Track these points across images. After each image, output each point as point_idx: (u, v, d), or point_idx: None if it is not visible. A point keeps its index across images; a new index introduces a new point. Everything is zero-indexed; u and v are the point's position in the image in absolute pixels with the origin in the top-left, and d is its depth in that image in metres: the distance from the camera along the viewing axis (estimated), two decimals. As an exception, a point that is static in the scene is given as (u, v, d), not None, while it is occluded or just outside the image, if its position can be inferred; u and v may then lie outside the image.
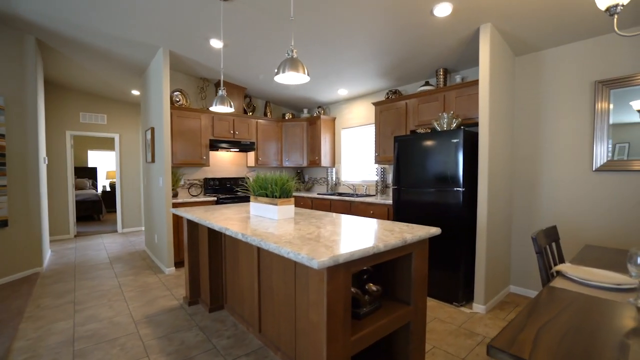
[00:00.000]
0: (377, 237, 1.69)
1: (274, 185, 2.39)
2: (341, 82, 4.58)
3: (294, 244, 1.54)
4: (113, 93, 6.43)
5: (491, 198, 2.94)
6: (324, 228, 1.98)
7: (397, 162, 3.54)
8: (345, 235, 1.76)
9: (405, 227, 1.98)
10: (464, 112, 3.39)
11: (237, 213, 2.76)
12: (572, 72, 2.98)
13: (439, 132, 3.13)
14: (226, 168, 5.45)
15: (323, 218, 2.42)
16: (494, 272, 3.09)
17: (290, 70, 1.92)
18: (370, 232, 1.83)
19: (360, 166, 5.23)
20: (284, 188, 2.38)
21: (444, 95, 3.58)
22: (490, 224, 2.96)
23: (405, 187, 3.46)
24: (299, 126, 5.70)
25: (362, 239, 1.64)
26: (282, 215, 2.37)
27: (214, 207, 3.31)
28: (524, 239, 3.34)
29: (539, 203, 3.21)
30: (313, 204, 5.04)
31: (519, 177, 3.36)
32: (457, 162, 2.97)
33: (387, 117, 4.24)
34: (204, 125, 4.79)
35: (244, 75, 4.67)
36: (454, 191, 3.01)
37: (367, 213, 4.14)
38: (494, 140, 2.95)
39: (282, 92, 5.27)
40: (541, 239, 1.77)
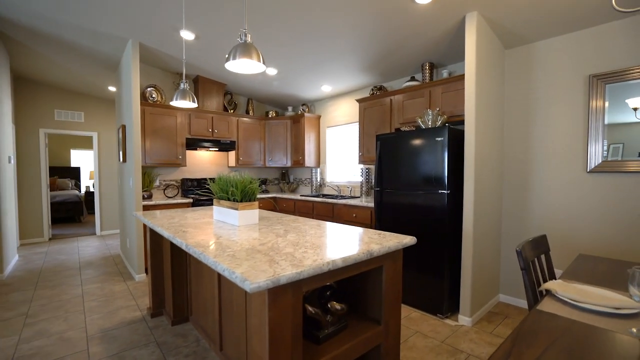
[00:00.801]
0: (339, 249, 1.46)
1: (234, 188, 2.14)
2: (324, 77, 4.35)
3: (237, 258, 1.30)
4: (90, 89, 6.15)
5: (478, 201, 2.72)
6: (284, 237, 1.74)
7: (379, 162, 3.31)
8: (304, 246, 1.52)
9: (376, 237, 1.75)
10: (450, 109, 3.17)
11: (201, 217, 2.51)
12: (565, 65, 2.77)
13: (423, 130, 2.90)
14: (205, 168, 5.19)
15: (290, 224, 2.18)
16: (481, 281, 2.87)
17: (242, 56, 1.67)
18: (335, 243, 1.59)
19: (345, 166, 5.00)
20: (246, 191, 2.14)
21: (430, 91, 3.36)
22: (477, 229, 2.73)
23: (387, 189, 3.23)
24: (283, 125, 5.46)
25: (322, 252, 1.41)
26: (244, 221, 2.13)
27: (185, 210, 3.06)
28: (513, 244, 3.12)
29: (530, 206, 3.00)
30: (296, 205, 4.81)
31: (509, 179, 3.14)
32: (442, 163, 2.75)
33: (371, 115, 4.01)
34: (180, 123, 4.53)
35: (223, 70, 4.42)
36: (438, 194, 2.79)
37: (349, 216, 3.90)
38: (481, 138, 2.73)
39: (265, 88, 5.02)
40: (527, 251, 1.54)
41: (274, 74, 4.33)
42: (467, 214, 2.69)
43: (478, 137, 2.68)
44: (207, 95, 4.86)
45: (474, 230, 2.67)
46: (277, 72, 4.27)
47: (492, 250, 3.04)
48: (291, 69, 4.13)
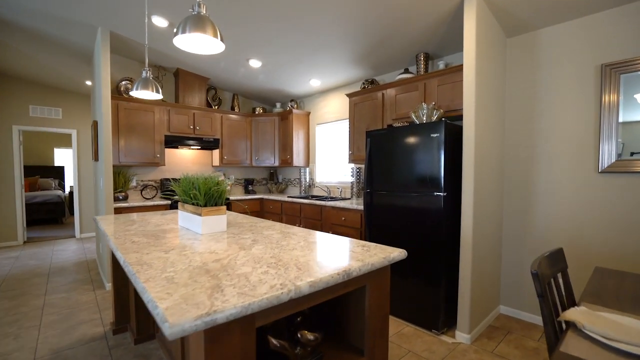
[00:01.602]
0: (310, 268, 1.17)
1: (196, 191, 1.85)
2: (312, 70, 4.06)
3: (174, 282, 1.01)
4: (67, 84, 5.81)
5: (477, 204, 2.44)
6: (247, 250, 1.45)
7: (369, 161, 3.02)
8: (267, 263, 1.23)
9: (358, 250, 1.46)
10: (447, 103, 2.89)
11: (166, 223, 2.22)
12: (574, 54, 2.50)
13: (417, 126, 2.62)
14: (187, 168, 4.88)
15: (262, 232, 1.89)
16: (481, 293, 2.59)
17: (194, 30, 1.37)
18: (307, 258, 1.31)
19: (336, 166, 4.71)
20: (211, 194, 1.84)
21: (425, 84, 3.08)
22: (477, 235, 2.46)
23: (378, 191, 2.95)
24: (270, 122, 5.16)
25: (287, 272, 1.12)
26: (207, 228, 1.84)
27: (155, 213, 2.76)
28: (515, 251, 2.85)
29: (534, 210, 2.72)
30: (283, 207, 4.51)
31: (511, 180, 2.87)
32: (438, 162, 2.47)
33: (362, 110, 3.73)
34: (158, 119, 4.22)
35: (205, 62, 4.12)
36: (433, 196, 2.51)
37: (338, 219, 3.62)
38: (481, 135, 2.45)
39: (250, 83, 4.72)
40: (544, 271, 1.24)
41: (258, 67, 4.03)
42: (466, 219, 2.41)
43: (478, 134, 2.41)
44: (188, 90, 4.55)
45: (473, 237, 2.39)
46: (262, 65, 3.98)
47: (492, 258, 2.77)
48: (276, 61, 3.84)
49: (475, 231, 2.42)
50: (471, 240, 2.38)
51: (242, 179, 5.47)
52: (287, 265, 1.21)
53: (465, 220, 2.42)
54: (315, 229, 3.96)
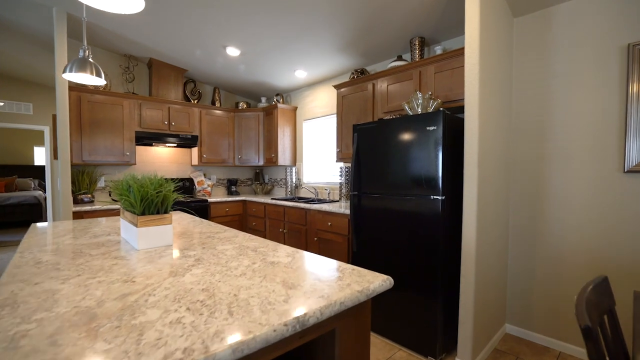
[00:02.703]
0: (247, 312, 0.79)
1: (131, 196, 1.46)
2: (296, 59, 3.68)
3: (9, 349, 0.63)
4: (37, 77, 5.41)
5: (482, 210, 2.07)
6: (179, 278, 1.07)
7: (356, 159, 2.65)
8: (188, 304, 0.86)
9: (329, 276, 1.09)
10: (445, 93, 2.53)
11: (111, 233, 1.83)
12: (594, 33, 2.14)
13: (411, 118, 2.25)
14: (163, 167, 4.49)
15: (216, 247, 1.51)
16: (486, 311, 2.23)
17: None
18: (250, 294, 0.93)
19: (324, 165, 4.33)
20: (149, 200, 1.46)
21: (420, 72, 2.71)
22: (481, 246, 2.09)
23: (367, 193, 2.58)
24: (254, 117, 4.78)
25: (211, 321, 0.74)
26: (146, 242, 1.45)
27: (111, 218, 2.37)
28: (524, 264, 2.49)
29: (545, 215, 2.36)
30: (266, 210, 4.13)
31: (518, 181, 2.51)
32: (436, 160, 2.10)
33: (351, 103, 3.36)
34: (127, 114, 3.83)
35: (178, 51, 3.73)
36: (430, 200, 2.14)
37: (324, 225, 3.24)
38: (485, 129, 2.09)
39: (231, 75, 4.34)
40: (592, 310, 0.86)
41: (236, 55, 3.65)
42: (468, 226, 2.05)
43: (482, 127, 2.04)
44: (163, 83, 4.16)
45: (476, 247, 2.02)
46: (241, 53, 3.59)
47: (497, 271, 2.40)
48: (256, 48, 3.46)
49: (479, 241, 2.05)
50: (474, 251, 2.02)
51: (224, 180, 5.08)
52: (218, 305, 0.83)
53: (467, 228, 2.05)
54: (299, 235, 3.58)
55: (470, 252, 2.04)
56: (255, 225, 4.35)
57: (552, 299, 2.34)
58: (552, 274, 2.34)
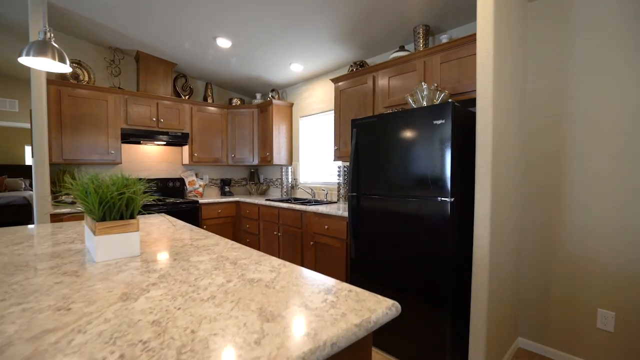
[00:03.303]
0: None
1: (87, 198, 1.24)
2: (291, 52, 3.46)
3: None
4: (22, 72, 5.18)
5: (496, 214, 1.85)
6: (131, 301, 0.85)
7: (355, 157, 2.43)
8: (131, 344, 0.64)
9: (320, 301, 0.87)
10: (452, 85, 2.31)
11: (76, 240, 1.61)
12: (622, 12, 1.92)
13: (415, 111, 2.03)
14: (152, 166, 4.26)
15: (189, 259, 1.29)
16: (499, 325, 2.01)
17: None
18: (213, 329, 0.71)
19: (322, 164, 4.11)
20: (111, 203, 1.24)
21: (424, 62, 2.50)
22: (494, 254, 1.87)
23: (367, 194, 2.36)
24: (248, 114, 4.55)
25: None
26: (107, 253, 1.23)
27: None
28: (538, 274, 2.27)
29: (564, 222, 2.14)
30: (260, 212, 3.91)
31: (532, 182, 2.29)
32: (443, 157, 1.88)
33: (349, 98, 3.14)
34: (112, 110, 3.61)
35: (167, 43, 3.51)
36: (438, 202, 1.92)
37: (320, 228, 3.02)
38: (499, 123, 1.87)
39: (223, 69, 4.12)
40: None
41: (228, 47, 3.43)
42: (481, 232, 1.83)
43: (496, 122, 1.82)
44: (151, 77, 3.94)
45: (490, 257, 1.80)
46: (232, 45, 3.37)
47: (511, 281, 2.19)
48: (248, 39, 3.23)
49: (492, 249, 1.83)
50: (487, 261, 1.80)
51: (217, 180, 4.85)
52: (166, 349, 0.61)
53: (479, 234, 1.83)
54: (295, 239, 3.36)
55: (482, 262, 1.82)
56: (249, 228, 4.13)
57: (571, 312, 2.12)
58: (570, 285, 2.12)
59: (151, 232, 1.82)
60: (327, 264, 2.98)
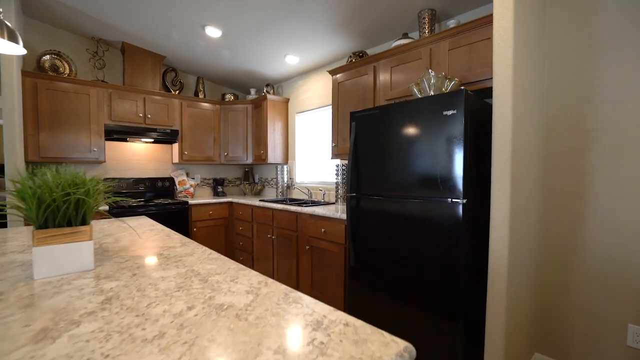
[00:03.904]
0: None
1: (27, 199, 1.01)
2: (286, 42, 3.23)
3: None
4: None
5: (515, 218, 1.62)
6: (46, 347, 0.62)
7: (354, 153, 2.20)
8: None
9: (306, 342, 0.64)
10: (462, 74, 2.08)
11: (24, 250, 1.38)
12: (653, -6, 1.70)
13: (422, 100, 1.80)
14: (140, 165, 4.03)
15: (151, 274, 1.05)
16: (516, 343, 1.78)
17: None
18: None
19: (319, 163, 3.88)
20: (54, 206, 1.01)
21: (431, 50, 2.27)
22: (513, 264, 1.64)
23: (367, 195, 2.13)
24: (242, 111, 4.32)
25: None
26: (49, 268, 1.00)
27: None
28: (556, 280, 2.04)
29: (591, 227, 1.91)
30: (253, 213, 3.68)
31: (554, 183, 2.05)
32: (455, 152, 1.65)
33: (348, 91, 2.91)
34: (95, 105, 3.38)
35: (154, 33, 3.28)
36: (448, 204, 1.69)
37: (316, 231, 2.79)
38: (519, 115, 1.64)
39: (215, 62, 3.88)
40: None
41: (218, 37, 3.19)
42: (499, 239, 1.60)
43: (517, 112, 1.59)
44: (138, 71, 3.71)
45: (509, 266, 1.58)
46: (223, 34, 3.14)
47: (529, 292, 1.96)
48: (239, 27, 3.00)
49: (511, 257, 1.60)
50: (506, 271, 1.57)
51: (210, 179, 4.62)
52: None
53: (496, 241, 1.60)
54: (290, 242, 3.13)
55: (499, 273, 1.59)
56: (242, 230, 3.90)
57: (596, 327, 1.89)
58: (596, 298, 1.89)
59: (120, 239, 1.59)
60: (324, 271, 2.75)
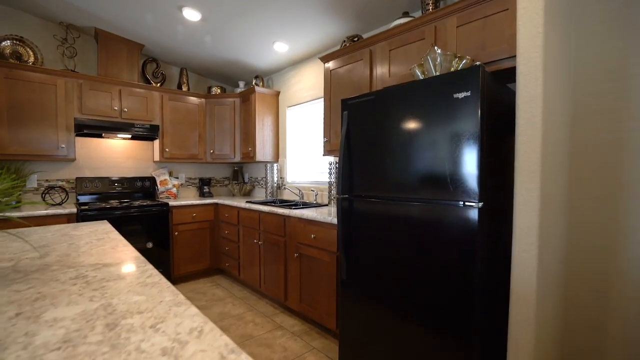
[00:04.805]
0: None
1: None
2: (273, 27, 2.91)
3: None
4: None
5: (545, 228, 1.30)
6: None
7: (346, 147, 1.88)
8: None
9: None
10: (474, 53, 1.77)
11: None
12: None
13: (427, 82, 1.48)
14: (118, 164, 3.70)
15: (46, 313, 0.73)
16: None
17: None
18: None
19: (311, 161, 3.56)
20: None
21: (435, 27, 1.95)
22: (543, 285, 1.32)
23: (361, 197, 1.81)
24: (229, 105, 4.00)
25: None
26: None
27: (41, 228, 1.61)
28: (584, 300, 1.71)
29: (626, 229, 1.59)
30: (239, 216, 3.36)
31: (583, 184, 1.73)
32: (468, 145, 1.33)
33: (341, 79, 2.59)
34: (63, 96, 3.06)
35: (127, 17, 2.95)
36: (460, 208, 1.37)
37: (306, 237, 2.48)
38: (551, 98, 1.32)
39: (198, 51, 3.56)
40: None
41: (197, 20, 2.87)
42: (524, 253, 1.28)
43: (548, 94, 1.27)
44: (113, 60, 3.38)
45: (537, 287, 1.25)
46: (202, 17, 2.82)
47: (556, 315, 1.63)
48: (221, 9, 2.68)
49: (540, 277, 1.28)
50: (534, 293, 1.25)
51: (195, 179, 4.30)
52: None
53: (521, 256, 1.29)
54: (277, 249, 2.81)
55: (527, 294, 1.27)
56: (228, 234, 3.58)
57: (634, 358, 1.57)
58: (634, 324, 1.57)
59: (53, 252, 1.27)
60: (313, 282, 2.43)
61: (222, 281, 3.64)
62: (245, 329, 2.54)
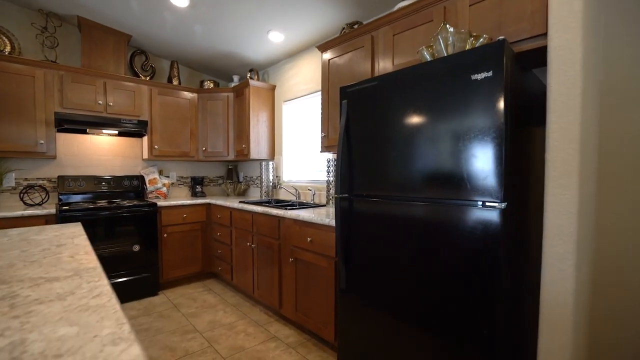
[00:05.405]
0: None
1: None
2: (267, 14, 2.71)
3: None
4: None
5: (583, 229, 1.10)
6: None
7: (346, 141, 1.68)
8: None
9: None
10: (490, 34, 1.56)
11: None
12: None
13: (439, 62, 1.28)
14: (104, 162, 3.50)
15: None
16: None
17: None
18: None
19: (309, 159, 3.36)
20: None
21: (445, 7, 1.75)
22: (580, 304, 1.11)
23: (362, 196, 1.60)
24: (223, 100, 3.79)
25: None
26: None
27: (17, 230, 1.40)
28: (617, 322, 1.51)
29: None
30: (232, 217, 3.15)
31: (611, 178, 1.53)
32: (489, 136, 1.13)
33: (340, 69, 2.39)
34: (41, 89, 2.85)
35: (117, 6, 2.75)
36: (479, 209, 1.17)
37: (301, 240, 2.27)
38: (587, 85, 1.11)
39: (189, 42, 3.36)
40: None
41: (185, 6, 2.67)
42: (556, 263, 1.08)
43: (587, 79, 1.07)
44: (97, 51, 3.18)
45: (575, 308, 1.05)
46: (190, 4, 2.62)
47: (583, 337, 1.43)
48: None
49: (578, 297, 1.07)
50: (571, 315, 1.04)
51: (187, 178, 4.09)
52: None
53: (552, 267, 1.08)
54: (272, 253, 2.61)
55: (562, 315, 1.07)
56: (220, 237, 3.37)
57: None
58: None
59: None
60: (310, 289, 2.23)
61: (215, 286, 3.43)
62: (235, 339, 2.33)
